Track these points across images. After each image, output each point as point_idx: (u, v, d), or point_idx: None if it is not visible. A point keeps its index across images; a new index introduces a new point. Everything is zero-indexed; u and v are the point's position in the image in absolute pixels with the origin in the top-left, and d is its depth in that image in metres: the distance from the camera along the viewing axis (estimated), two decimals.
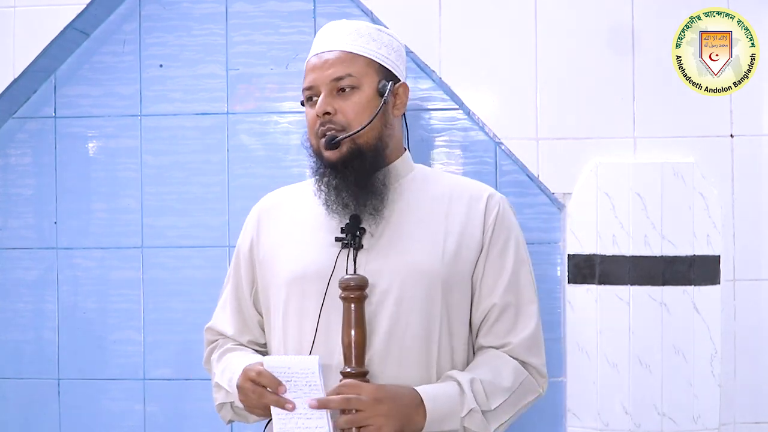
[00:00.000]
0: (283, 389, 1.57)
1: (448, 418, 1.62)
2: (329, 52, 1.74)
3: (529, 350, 1.75)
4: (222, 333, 1.86)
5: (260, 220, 1.86)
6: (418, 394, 1.62)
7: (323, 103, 1.71)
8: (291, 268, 1.74)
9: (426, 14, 2.35)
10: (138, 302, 2.51)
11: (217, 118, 2.51)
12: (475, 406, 1.63)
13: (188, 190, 2.51)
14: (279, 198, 1.89)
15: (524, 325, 1.75)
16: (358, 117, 1.71)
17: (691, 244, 2.25)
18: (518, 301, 1.76)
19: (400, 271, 1.69)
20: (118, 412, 2.51)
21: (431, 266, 1.70)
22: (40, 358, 2.53)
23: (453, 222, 1.75)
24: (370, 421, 1.56)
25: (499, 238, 1.77)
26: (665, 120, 2.30)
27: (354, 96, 1.72)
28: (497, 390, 1.68)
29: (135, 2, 2.53)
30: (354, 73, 1.72)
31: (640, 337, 2.25)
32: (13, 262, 2.55)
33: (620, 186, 2.26)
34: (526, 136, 2.32)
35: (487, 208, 1.78)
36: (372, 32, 1.78)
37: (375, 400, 1.56)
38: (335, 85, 1.72)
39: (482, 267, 1.75)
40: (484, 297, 1.75)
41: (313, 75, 1.74)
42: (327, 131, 1.71)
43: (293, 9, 2.49)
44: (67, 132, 2.54)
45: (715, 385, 2.26)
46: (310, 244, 1.75)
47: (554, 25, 2.32)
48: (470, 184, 1.84)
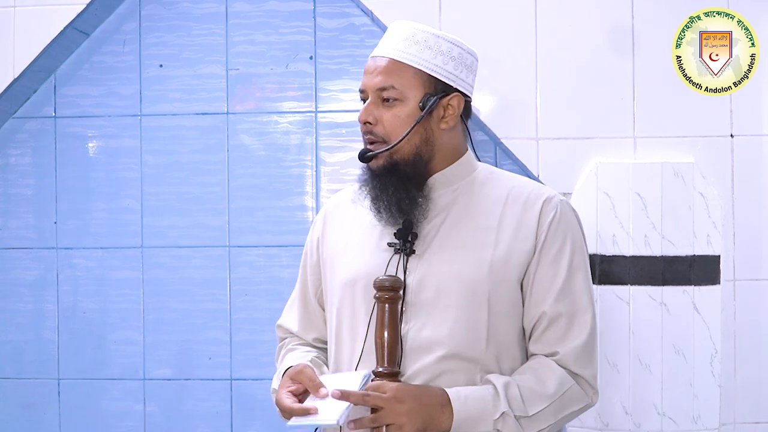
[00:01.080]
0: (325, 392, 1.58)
1: (480, 421, 1.60)
2: (381, 58, 1.72)
3: (578, 361, 1.69)
4: (289, 330, 1.87)
5: (326, 220, 1.85)
6: (446, 394, 1.61)
7: (365, 112, 1.70)
8: (345, 272, 1.74)
9: (426, 14, 2.35)
10: (138, 302, 2.52)
11: (217, 118, 2.51)
12: (507, 410, 1.61)
13: (188, 190, 2.51)
14: (343, 198, 1.87)
15: (575, 335, 1.70)
16: (396, 130, 1.69)
17: (691, 244, 2.25)
18: (571, 310, 1.71)
19: (447, 278, 1.67)
20: (118, 412, 2.51)
21: (478, 275, 1.67)
22: (40, 358, 2.53)
23: (505, 227, 1.72)
24: (390, 419, 1.55)
25: (554, 244, 1.72)
26: (665, 120, 2.30)
27: (395, 108, 1.70)
28: (537, 396, 1.64)
29: (135, 2, 2.53)
30: (398, 86, 1.69)
31: (640, 337, 2.25)
32: (13, 262, 2.55)
33: (620, 186, 2.26)
34: (526, 136, 2.32)
35: (542, 213, 1.72)
36: (429, 39, 1.73)
37: (396, 399, 1.56)
38: (380, 94, 1.70)
39: (533, 273, 1.71)
40: (534, 304, 1.71)
41: (365, 79, 1.73)
42: (368, 141, 1.71)
43: (293, 9, 2.49)
44: (67, 132, 2.54)
45: (715, 385, 2.26)
46: (364, 248, 1.74)
47: (554, 25, 2.32)
48: (529, 186, 1.79)
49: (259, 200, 2.50)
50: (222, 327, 2.51)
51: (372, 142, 1.70)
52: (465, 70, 1.77)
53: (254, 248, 2.50)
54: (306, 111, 2.51)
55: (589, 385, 1.72)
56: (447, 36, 1.75)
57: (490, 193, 1.76)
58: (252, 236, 2.50)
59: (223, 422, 2.48)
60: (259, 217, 2.51)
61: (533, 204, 1.73)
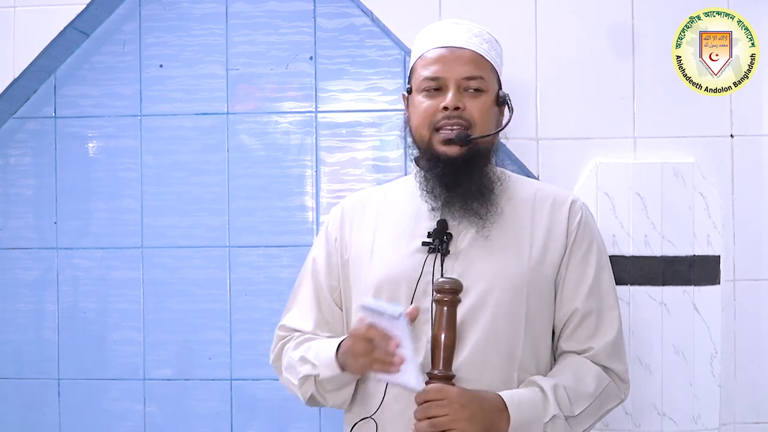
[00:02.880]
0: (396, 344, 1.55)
1: (532, 425, 1.62)
2: (461, 49, 1.75)
3: (611, 356, 1.73)
4: (297, 329, 1.83)
5: (344, 220, 1.84)
6: (501, 399, 1.61)
7: (455, 98, 1.70)
8: (378, 272, 1.74)
9: (426, 14, 2.35)
10: (138, 302, 2.52)
11: (217, 118, 2.51)
12: (558, 413, 1.62)
13: (188, 190, 2.51)
14: (363, 199, 1.88)
15: (606, 331, 1.74)
16: (483, 119, 1.72)
17: (691, 244, 2.25)
18: (600, 307, 1.75)
19: (487, 277, 1.68)
20: (118, 412, 2.51)
21: (518, 271, 1.70)
22: (40, 358, 2.53)
23: (538, 227, 1.75)
24: (453, 425, 1.55)
25: (582, 243, 1.77)
26: (665, 120, 2.30)
27: (481, 98, 1.73)
28: (580, 396, 1.67)
29: (135, 2, 2.53)
30: (485, 77, 1.74)
31: (640, 337, 2.25)
32: (13, 262, 2.55)
33: (620, 186, 2.26)
34: (526, 136, 2.32)
35: (571, 213, 1.78)
36: (492, 39, 1.81)
37: (460, 404, 1.56)
38: (465, 83, 1.72)
39: (564, 271, 1.75)
40: (565, 301, 1.75)
41: (442, 67, 1.73)
42: (454, 125, 1.70)
43: (293, 9, 2.49)
44: (67, 132, 2.54)
45: (715, 385, 2.26)
46: (397, 249, 1.74)
47: (554, 25, 2.32)
48: (553, 188, 1.85)
49: (259, 200, 2.50)
50: (222, 327, 2.51)
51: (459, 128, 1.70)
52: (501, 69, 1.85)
53: (254, 248, 2.50)
54: (306, 111, 2.51)
55: (621, 380, 1.76)
56: (496, 38, 1.82)
57: (517, 195, 1.79)
58: (252, 236, 2.50)
59: (223, 422, 2.48)
60: (259, 217, 2.51)
61: (561, 206, 1.78)
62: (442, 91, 1.72)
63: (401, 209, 1.79)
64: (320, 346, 1.72)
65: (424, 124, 1.73)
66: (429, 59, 1.75)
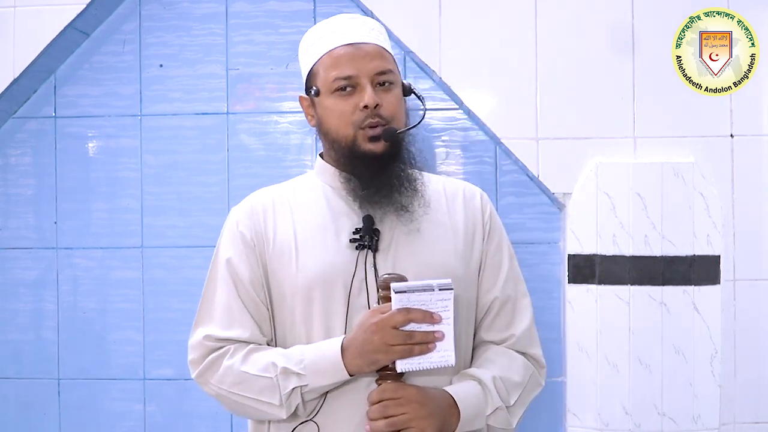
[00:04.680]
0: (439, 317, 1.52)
1: (477, 418, 1.63)
2: (366, 44, 1.72)
3: (530, 341, 1.78)
4: (231, 339, 1.69)
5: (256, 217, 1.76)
6: (450, 395, 1.62)
7: (373, 95, 1.67)
8: (309, 271, 1.68)
9: (426, 14, 2.35)
10: (138, 302, 2.52)
11: (217, 118, 2.51)
12: (500, 404, 1.64)
13: (188, 190, 2.51)
14: (272, 196, 1.81)
15: (522, 317, 1.78)
16: (398, 113, 1.72)
17: (691, 244, 2.25)
18: (515, 295, 1.79)
19: (419, 272, 1.66)
20: (118, 412, 2.51)
21: (449, 265, 1.70)
22: (40, 358, 2.53)
23: (456, 220, 1.77)
24: (413, 423, 1.55)
25: (495, 234, 1.80)
26: (665, 120, 2.30)
27: (393, 91, 1.73)
28: (512, 386, 1.69)
29: (135, 2, 2.53)
30: (393, 69, 1.74)
31: (640, 337, 2.25)
32: (13, 262, 2.55)
33: (620, 186, 2.26)
34: (526, 136, 2.32)
35: (482, 205, 1.81)
36: (384, 30, 1.82)
37: (418, 403, 1.56)
38: (378, 78, 1.70)
39: (483, 261, 1.78)
40: (486, 290, 1.77)
41: (353, 64, 1.69)
42: (375, 124, 1.68)
43: (293, 9, 2.49)
44: (67, 132, 2.54)
45: (715, 385, 2.26)
46: (323, 246, 1.70)
47: (554, 25, 2.32)
48: (460, 183, 1.86)
49: None
50: None
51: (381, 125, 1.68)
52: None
53: None
54: None
55: (539, 365, 1.78)
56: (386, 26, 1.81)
57: (430, 189, 1.78)
58: None
59: (223, 422, 2.48)
60: None
61: (472, 198, 1.81)
62: (355, 89, 1.69)
63: (317, 206, 1.74)
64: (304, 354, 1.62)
65: (346, 125, 1.69)
66: (336, 58, 1.71)
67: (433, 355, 1.53)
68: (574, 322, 2.31)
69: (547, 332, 2.39)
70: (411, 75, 2.44)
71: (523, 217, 2.41)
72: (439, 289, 1.52)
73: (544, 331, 2.38)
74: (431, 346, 1.53)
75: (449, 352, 1.53)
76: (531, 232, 2.40)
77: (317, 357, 1.61)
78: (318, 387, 1.61)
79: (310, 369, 1.60)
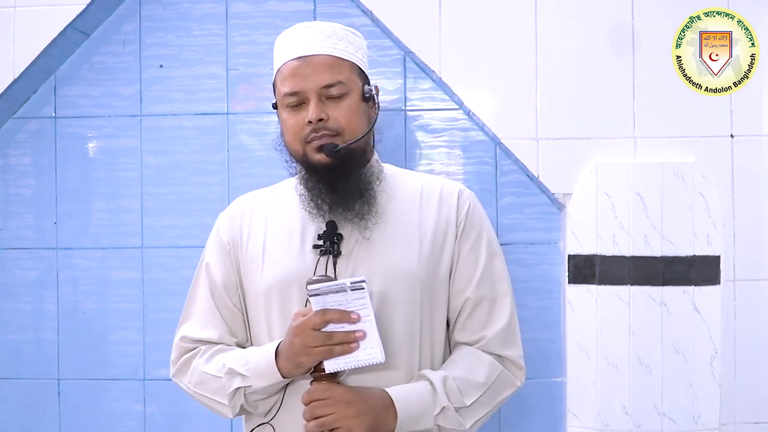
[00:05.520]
0: (357, 316, 1.54)
1: (422, 418, 1.64)
2: (315, 57, 1.72)
3: (504, 342, 1.75)
4: (203, 340, 1.79)
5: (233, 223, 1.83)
6: (388, 395, 1.63)
7: (316, 110, 1.69)
8: (270, 275, 1.74)
9: (426, 14, 2.35)
10: (138, 302, 2.51)
11: (217, 118, 2.51)
12: (447, 404, 1.65)
13: (188, 190, 2.51)
14: (251, 202, 1.87)
15: (498, 318, 1.76)
16: (350, 123, 1.71)
17: (691, 244, 2.25)
18: (492, 295, 1.77)
19: (378, 275, 1.69)
20: (118, 412, 2.51)
21: (410, 268, 1.71)
22: (40, 358, 2.53)
23: (426, 221, 1.77)
24: (340, 423, 1.57)
25: (471, 233, 1.79)
26: (665, 120, 2.30)
27: (345, 101, 1.72)
28: (472, 386, 1.69)
29: (135, 2, 2.53)
30: (344, 80, 1.72)
31: (640, 337, 2.25)
32: (13, 262, 2.55)
33: (620, 186, 2.26)
34: (526, 136, 2.33)
35: (459, 205, 1.79)
36: (347, 35, 1.78)
37: (345, 402, 1.58)
38: (325, 92, 1.71)
39: (456, 262, 1.77)
40: (458, 292, 1.77)
41: (299, 80, 1.71)
42: (321, 137, 1.70)
43: (293, 9, 2.49)
44: (67, 132, 2.54)
45: (715, 385, 2.26)
46: (289, 251, 1.74)
47: (554, 25, 2.32)
48: (439, 181, 1.86)
49: None
50: None
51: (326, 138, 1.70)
52: (367, 60, 1.83)
53: None
54: None
55: (516, 366, 1.77)
56: (353, 30, 1.80)
57: (404, 190, 1.80)
58: None
59: (223, 422, 2.48)
60: None
61: (448, 198, 1.79)
62: (305, 104, 1.71)
63: (291, 212, 1.78)
64: (247, 356, 1.69)
65: (295, 140, 1.73)
66: (286, 74, 1.73)
67: (359, 353, 1.55)
68: (574, 322, 2.31)
69: (547, 332, 2.39)
70: (411, 75, 2.45)
71: (523, 217, 2.41)
72: (352, 289, 1.53)
73: (544, 331, 2.39)
74: (353, 346, 1.55)
75: (375, 350, 1.54)
76: (531, 232, 2.41)
77: (258, 359, 1.67)
78: (260, 388, 1.67)
79: (253, 371, 1.66)
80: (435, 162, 2.44)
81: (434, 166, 2.43)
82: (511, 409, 2.39)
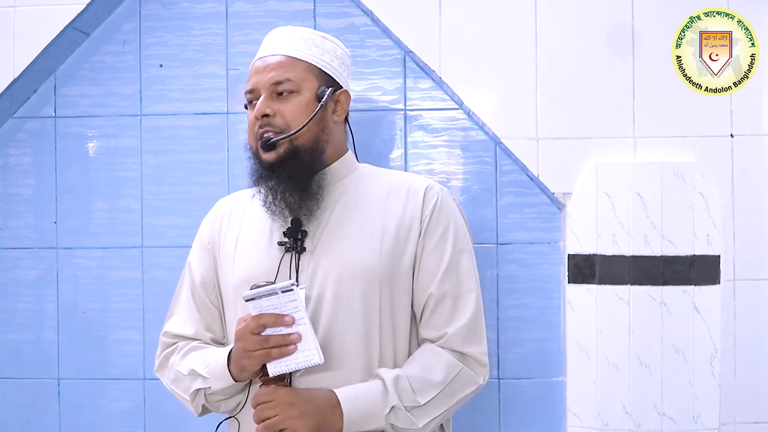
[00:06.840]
0: (291, 319, 1.58)
1: (371, 417, 1.65)
2: (272, 56, 1.80)
3: (466, 339, 1.76)
4: (181, 335, 1.88)
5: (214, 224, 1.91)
6: (335, 395, 1.65)
7: (262, 106, 1.75)
8: (239, 273, 1.79)
9: (426, 14, 2.35)
10: (138, 302, 2.51)
11: (217, 118, 2.51)
12: (397, 403, 1.65)
13: (188, 190, 2.51)
14: (232, 203, 1.94)
15: (461, 315, 1.77)
16: (296, 120, 1.75)
17: (691, 244, 2.25)
18: (456, 291, 1.78)
19: (337, 271, 1.72)
20: (118, 412, 2.51)
21: (368, 263, 1.73)
22: (40, 358, 2.53)
23: (391, 217, 1.78)
24: (285, 424, 1.60)
25: (437, 228, 1.79)
26: (665, 120, 2.30)
27: (293, 99, 1.77)
28: (428, 385, 1.69)
29: (135, 2, 2.53)
30: (293, 78, 1.77)
31: (640, 337, 2.25)
32: (13, 262, 2.55)
33: (620, 186, 2.26)
34: (526, 136, 2.33)
35: (425, 200, 1.81)
36: (316, 39, 1.84)
37: (288, 404, 1.60)
38: (275, 88, 1.77)
39: (419, 257, 1.78)
40: (422, 287, 1.78)
41: (255, 78, 1.80)
42: (264, 133, 1.75)
43: (293, 9, 2.49)
44: (67, 132, 2.54)
45: (715, 385, 2.26)
46: (256, 249, 1.79)
47: (554, 25, 2.32)
48: (411, 178, 1.88)
49: None
50: None
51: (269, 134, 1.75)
52: (346, 69, 1.89)
53: None
54: None
55: (478, 363, 1.77)
56: (330, 36, 1.86)
57: (372, 187, 1.83)
58: None
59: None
60: None
61: (415, 193, 1.82)
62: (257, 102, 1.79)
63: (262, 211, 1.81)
64: (209, 357, 1.75)
65: (251, 136, 1.80)
66: (250, 73, 1.83)
67: (298, 355, 1.58)
68: (574, 322, 2.31)
69: (547, 332, 2.39)
70: (411, 74, 2.44)
71: (523, 217, 2.41)
72: (282, 292, 1.56)
73: (544, 330, 2.39)
74: (290, 348, 1.58)
75: (312, 352, 1.57)
76: (531, 232, 2.40)
77: (216, 361, 1.72)
78: (219, 390, 1.72)
79: (213, 372, 1.72)
80: (435, 162, 2.44)
81: (434, 165, 2.43)
82: (511, 408, 2.39)
